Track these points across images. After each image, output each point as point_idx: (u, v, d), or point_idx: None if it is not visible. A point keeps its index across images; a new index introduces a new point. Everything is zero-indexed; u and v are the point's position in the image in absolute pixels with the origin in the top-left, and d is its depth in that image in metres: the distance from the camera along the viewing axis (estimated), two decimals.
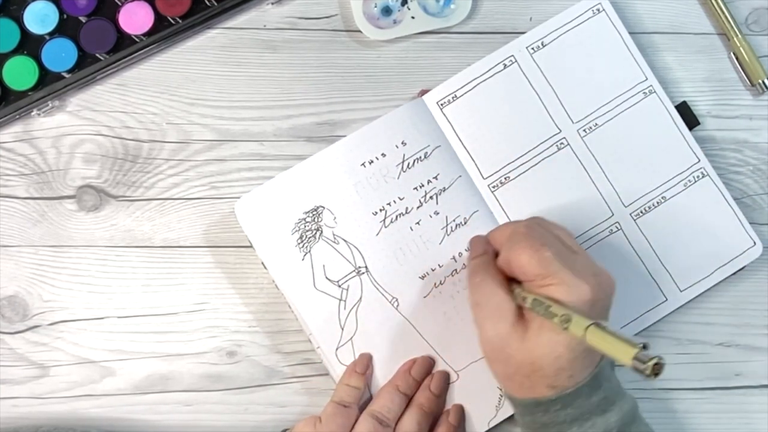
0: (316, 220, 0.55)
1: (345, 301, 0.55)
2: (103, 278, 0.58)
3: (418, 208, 0.56)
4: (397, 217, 0.56)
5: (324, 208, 0.55)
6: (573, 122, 0.57)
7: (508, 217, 0.57)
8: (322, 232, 0.55)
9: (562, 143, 0.57)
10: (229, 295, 0.58)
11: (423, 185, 0.56)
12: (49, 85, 0.58)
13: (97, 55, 0.58)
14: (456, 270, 0.56)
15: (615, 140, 0.57)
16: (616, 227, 0.57)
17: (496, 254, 0.50)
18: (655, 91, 0.58)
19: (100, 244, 0.58)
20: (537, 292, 0.46)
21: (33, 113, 0.58)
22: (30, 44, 0.58)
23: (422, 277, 0.55)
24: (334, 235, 0.55)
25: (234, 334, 0.58)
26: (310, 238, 0.55)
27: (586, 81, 0.58)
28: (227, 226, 0.58)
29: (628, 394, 0.49)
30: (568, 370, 0.45)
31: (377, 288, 0.55)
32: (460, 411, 0.55)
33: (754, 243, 0.57)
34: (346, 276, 0.55)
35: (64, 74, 0.58)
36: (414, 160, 0.56)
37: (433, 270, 0.56)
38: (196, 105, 0.59)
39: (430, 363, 0.55)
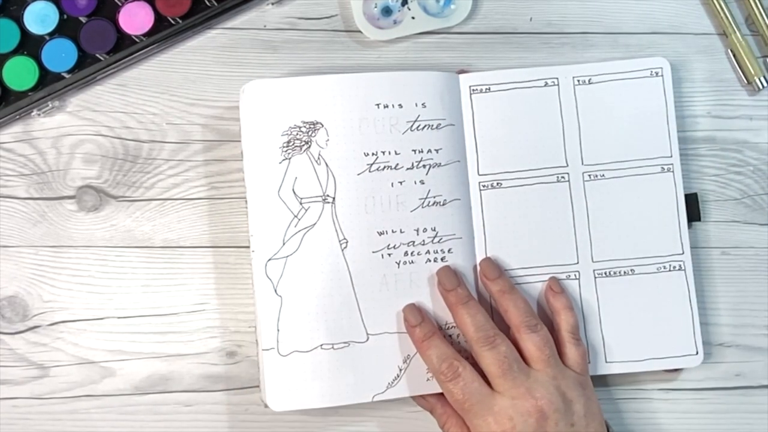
0: (310, 133, 0.55)
1: (299, 219, 0.54)
2: (103, 278, 0.58)
3: (407, 169, 0.55)
4: (385, 167, 0.55)
5: (322, 126, 0.55)
6: (583, 163, 0.57)
7: (483, 218, 0.56)
8: (310, 146, 0.55)
9: (563, 177, 0.57)
10: (229, 295, 0.58)
11: (422, 151, 0.56)
12: (49, 86, 0.58)
13: (97, 55, 0.58)
14: (413, 242, 0.55)
15: (613, 198, 0.57)
16: (575, 276, 0.56)
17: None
18: (673, 171, 0.57)
19: (100, 244, 0.58)
20: None
21: (33, 113, 0.58)
22: (30, 44, 0.58)
23: (380, 233, 0.55)
24: (319, 155, 0.55)
25: (234, 335, 0.58)
26: (296, 147, 0.55)
27: (614, 132, 0.57)
28: (227, 226, 0.58)
29: None
30: None
31: (334, 222, 0.55)
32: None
33: (697, 352, 0.56)
34: (312, 197, 0.55)
35: (64, 74, 0.58)
36: (425, 125, 0.56)
37: (393, 231, 0.55)
38: (196, 105, 0.59)
39: (451, 270, 0.55)
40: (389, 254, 0.55)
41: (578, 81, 0.58)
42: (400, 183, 0.55)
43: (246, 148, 0.55)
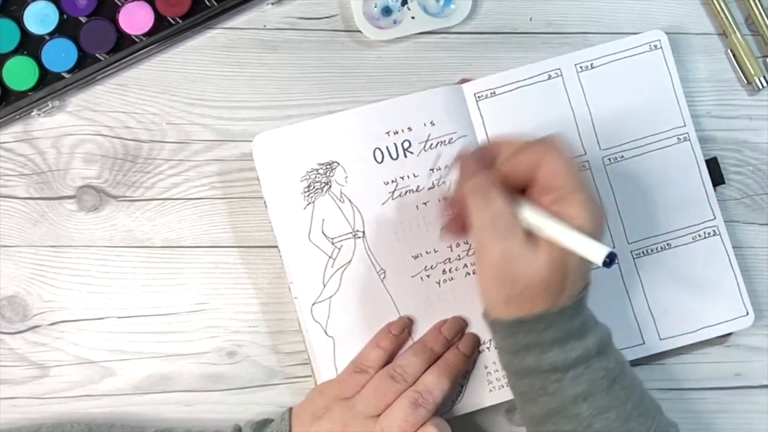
0: (328, 174, 0.55)
1: (334, 259, 0.55)
2: (103, 278, 0.58)
3: (429, 189, 0.56)
4: (406, 192, 0.56)
5: (339, 164, 0.55)
6: (600, 148, 0.57)
7: None
8: (330, 187, 0.55)
9: (583, 166, 0.57)
10: (229, 295, 0.58)
11: (440, 169, 0.56)
12: (49, 85, 0.58)
13: (97, 55, 0.58)
14: (449, 259, 0.56)
15: (636, 177, 0.57)
16: None
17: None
18: (689, 140, 0.57)
19: (100, 244, 0.58)
20: (548, 207, 0.45)
21: (33, 113, 0.58)
22: (30, 44, 0.58)
23: (415, 257, 0.55)
24: (341, 193, 0.55)
25: (234, 334, 0.58)
26: (317, 189, 0.55)
27: (624, 112, 0.57)
28: (227, 226, 0.58)
29: (602, 324, 0.49)
30: (569, 289, 0.46)
31: (369, 255, 0.55)
32: (474, 341, 0.55)
33: (747, 313, 0.57)
34: (343, 236, 0.55)
35: (64, 74, 0.58)
36: (438, 143, 0.56)
37: (427, 252, 0.56)
38: (196, 105, 0.59)
39: (462, 324, 0.55)
40: (428, 276, 0.55)
41: (581, 68, 0.58)
42: (425, 204, 0.56)
43: (268, 198, 0.55)
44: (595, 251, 0.43)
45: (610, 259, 0.43)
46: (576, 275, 0.45)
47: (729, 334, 0.58)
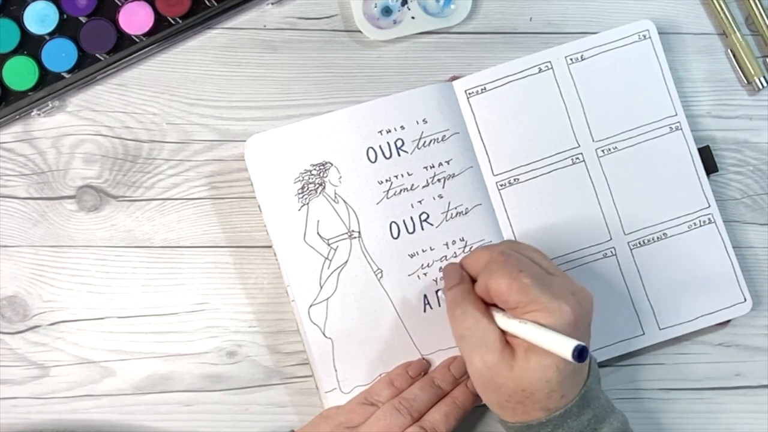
0: (321, 174, 0.55)
1: (331, 260, 0.55)
2: (103, 278, 0.58)
3: (423, 187, 0.56)
4: (401, 191, 0.56)
5: (332, 165, 0.55)
6: (593, 140, 0.57)
7: (508, 217, 0.57)
8: (324, 187, 0.55)
9: (577, 158, 0.57)
10: (229, 295, 0.58)
11: (434, 166, 0.56)
12: (49, 85, 0.58)
13: (97, 55, 0.58)
14: (446, 257, 0.56)
15: (631, 167, 0.57)
16: (611, 252, 0.57)
17: (473, 280, 0.51)
18: (681, 129, 0.58)
19: (100, 244, 0.58)
20: (520, 318, 0.46)
21: (33, 113, 0.58)
22: (30, 44, 0.58)
23: (411, 256, 0.56)
24: (335, 193, 0.55)
25: (234, 334, 0.58)
26: (311, 190, 0.55)
27: (616, 103, 0.58)
28: (227, 226, 0.58)
29: (618, 410, 0.49)
30: (559, 391, 0.45)
31: (365, 255, 0.55)
32: None
33: (745, 299, 0.57)
34: (338, 236, 0.55)
35: (64, 74, 0.58)
36: (431, 140, 0.56)
37: (423, 251, 0.56)
38: (196, 105, 0.59)
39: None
40: (425, 273, 0.56)
41: (571, 60, 0.58)
42: (420, 202, 0.56)
43: (262, 201, 0.55)
44: (562, 345, 0.43)
45: (580, 353, 0.42)
46: (566, 376, 0.45)
47: (728, 322, 0.58)
